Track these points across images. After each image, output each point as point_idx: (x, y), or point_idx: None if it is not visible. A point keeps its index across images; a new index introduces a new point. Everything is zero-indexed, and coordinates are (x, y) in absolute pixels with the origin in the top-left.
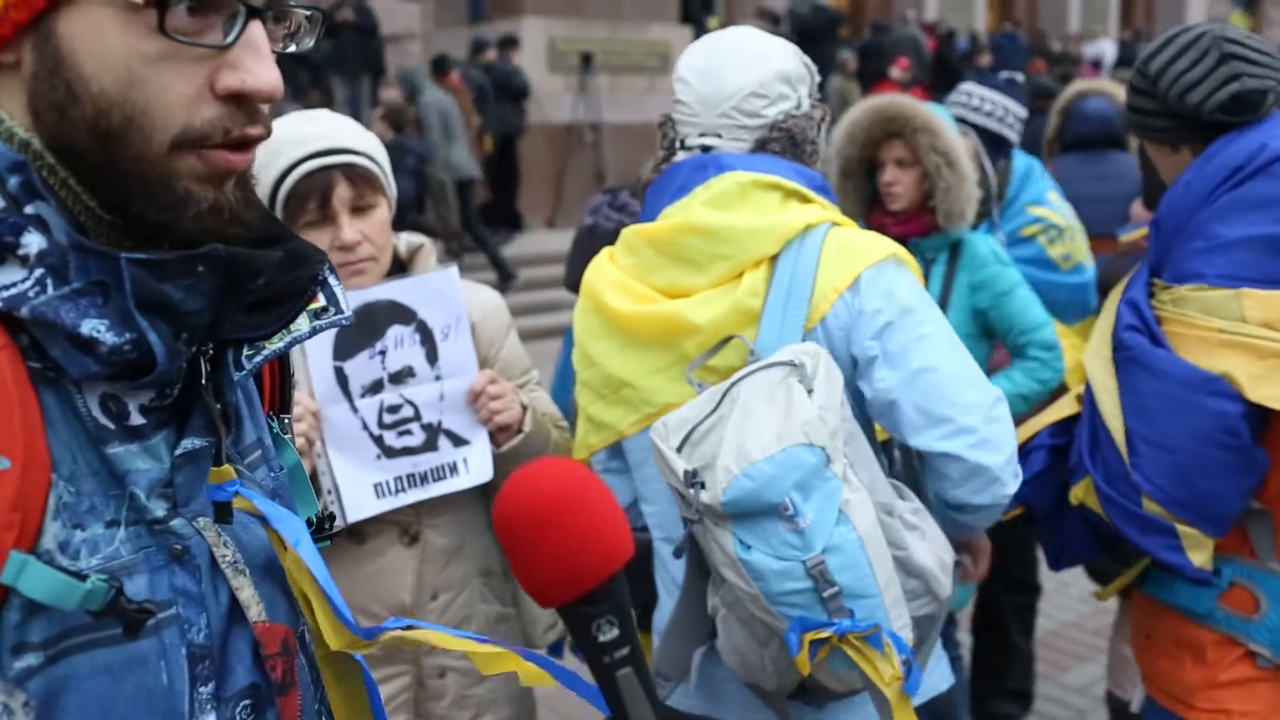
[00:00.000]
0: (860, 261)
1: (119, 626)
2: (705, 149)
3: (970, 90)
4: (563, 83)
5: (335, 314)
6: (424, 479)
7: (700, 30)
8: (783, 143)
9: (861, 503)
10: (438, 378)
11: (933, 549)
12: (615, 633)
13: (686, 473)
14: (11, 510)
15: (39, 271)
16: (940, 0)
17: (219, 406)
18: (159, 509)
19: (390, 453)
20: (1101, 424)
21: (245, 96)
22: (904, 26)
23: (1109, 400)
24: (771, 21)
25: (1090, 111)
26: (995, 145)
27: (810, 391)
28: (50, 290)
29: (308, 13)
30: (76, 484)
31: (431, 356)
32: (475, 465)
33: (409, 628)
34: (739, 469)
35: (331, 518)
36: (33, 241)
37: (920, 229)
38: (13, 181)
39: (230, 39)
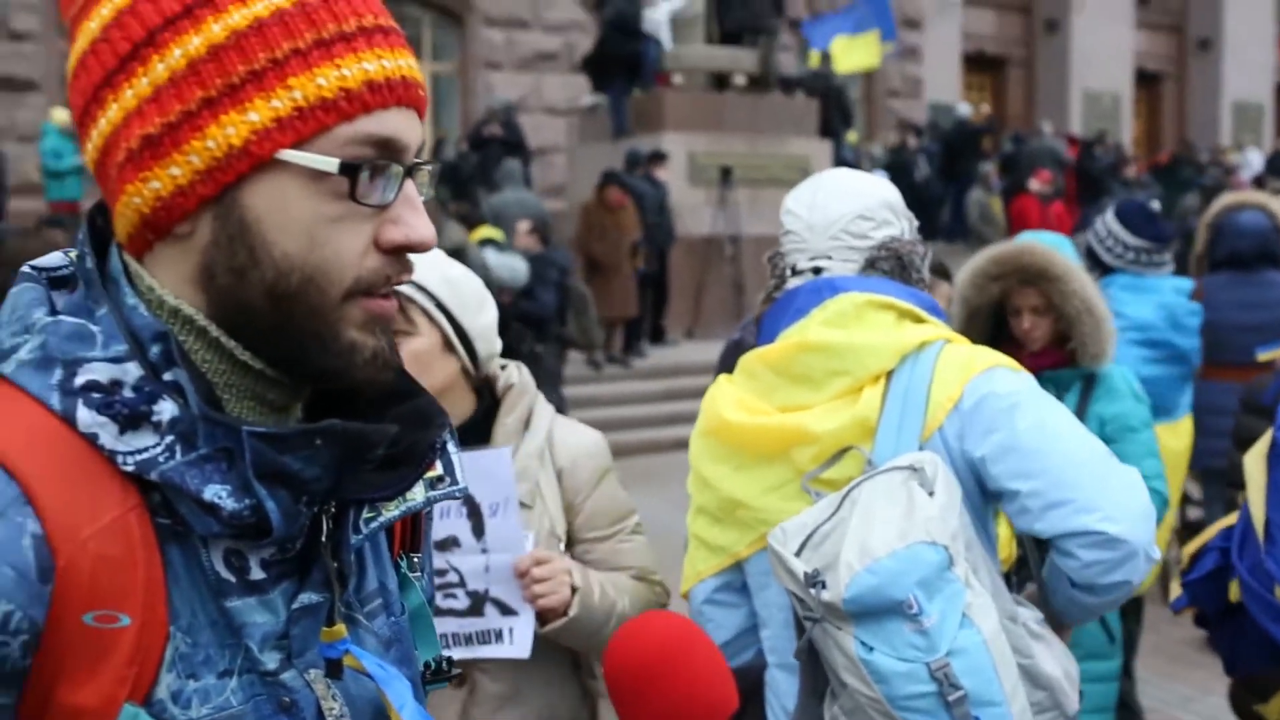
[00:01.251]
0: (969, 371)
1: None
2: (817, 271)
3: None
4: (703, 196)
5: (450, 484)
6: (469, 640)
7: (839, 144)
8: (891, 263)
9: (985, 607)
10: (484, 551)
11: (1059, 660)
12: None
13: (806, 574)
14: (127, 665)
15: (169, 438)
16: (1084, 110)
17: (336, 565)
18: (271, 661)
19: (436, 611)
20: (1249, 518)
21: (408, 248)
22: (1041, 138)
23: (1257, 495)
24: (914, 134)
25: (1245, 226)
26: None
27: (931, 494)
28: (179, 456)
29: (430, 168)
30: (194, 635)
31: (478, 531)
32: (518, 638)
33: None
34: (861, 565)
35: (450, 661)
36: (165, 409)
37: (1053, 362)
38: (154, 350)
39: (392, 197)
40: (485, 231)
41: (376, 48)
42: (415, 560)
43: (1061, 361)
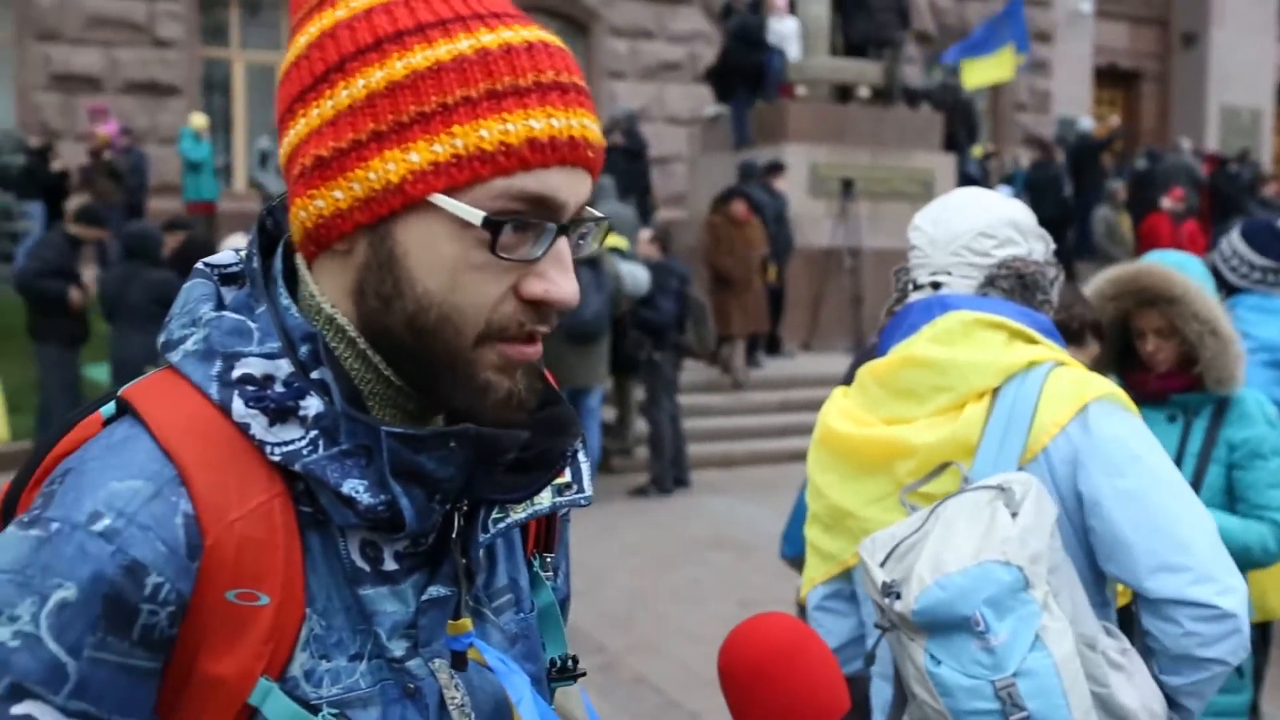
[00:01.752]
0: (1084, 396)
1: None
2: (935, 286)
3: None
4: (823, 208)
5: (576, 492)
6: None
7: (964, 158)
8: (1010, 282)
9: (1060, 631)
10: None
11: (1140, 694)
12: None
13: (885, 583)
14: (264, 642)
15: (314, 432)
16: (1221, 126)
17: (464, 561)
18: (399, 649)
19: None
20: None
21: (547, 304)
22: (1178, 154)
23: None
24: (1040, 149)
25: None
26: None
27: (1015, 515)
28: (321, 450)
29: (598, 220)
30: (328, 618)
31: None
32: None
33: None
34: (932, 579)
35: (575, 660)
36: (312, 405)
37: (1182, 385)
38: (304, 349)
39: (540, 253)
40: (611, 240)
41: (549, 105)
42: (548, 560)
43: (1191, 384)
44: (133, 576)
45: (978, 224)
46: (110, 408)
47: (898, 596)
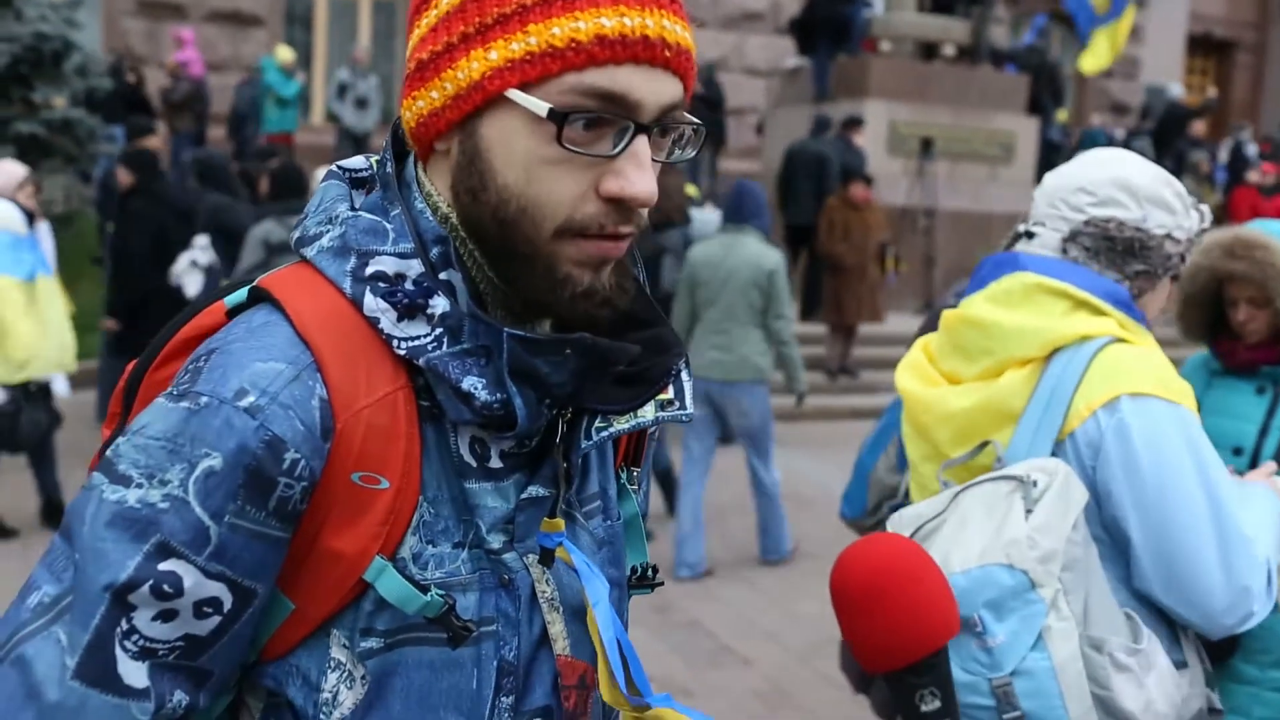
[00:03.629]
0: (1124, 384)
1: (446, 635)
2: (1030, 235)
3: None
4: (900, 166)
5: (679, 409)
6: None
7: (1047, 122)
8: (1095, 241)
9: (1065, 632)
10: None
11: (1146, 695)
12: (937, 704)
13: None
14: (381, 523)
15: (439, 330)
16: None
17: (565, 465)
18: (496, 541)
19: None
20: None
21: (623, 201)
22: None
23: None
24: (1120, 114)
25: None
26: None
27: (1029, 511)
28: (445, 347)
29: (694, 126)
30: (437, 508)
31: None
32: None
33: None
34: None
35: (655, 569)
36: (439, 304)
37: (1272, 356)
38: (435, 251)
39: (617, 150)
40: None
41: (623, 4)
42: (635, 474)
43: None
44: (273, 451)
45: (1082, 179)
46: (236, 297)
47: None
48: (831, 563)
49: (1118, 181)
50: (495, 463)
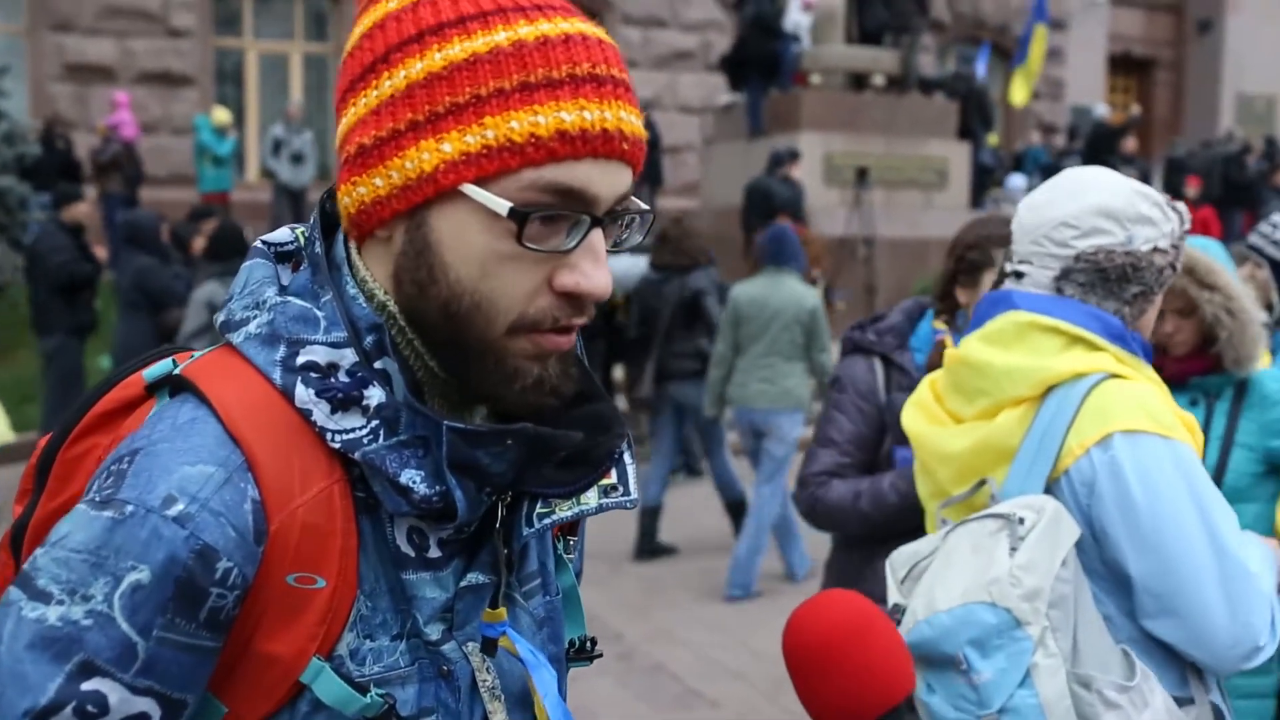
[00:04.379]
0: (1117, 421)
1: None
2: (1018, 275)
3: (1277, 221)
4: (837, 196)
5: (622, 495)
6: None
7: (978, 146)
8: (1088, 275)
9: (1052, 669)
10: None
11: None
12: None
13: (893, 605)
14: (319, 623)
15: (375, 422)
16: (1236, 113)
17: (505, 551)
18: (435, 632)
19: None
20: None
21: (579, 296)
22: (1227, 144)
23: None
24: (1048, 134)
25: None
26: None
27: (1014, 549)
28: (381, 439)
29: (641, 212)
30: (374, 600)
31: None
32: None
33: None
34: (923, 615)
35: (594, 641)
36: (374, 395)
37: (1201, 368)
38: (369, 340)
39: (572, 244)
40: None
41: (582, 98)
42: (572, 542)
43: (1209, 367)
44: (204, 561)
45: (1061, 213)
46: (155, 371)
47: (899, 624)
48: (788, 597)
49: (1097, 209)
50: (434, 552)
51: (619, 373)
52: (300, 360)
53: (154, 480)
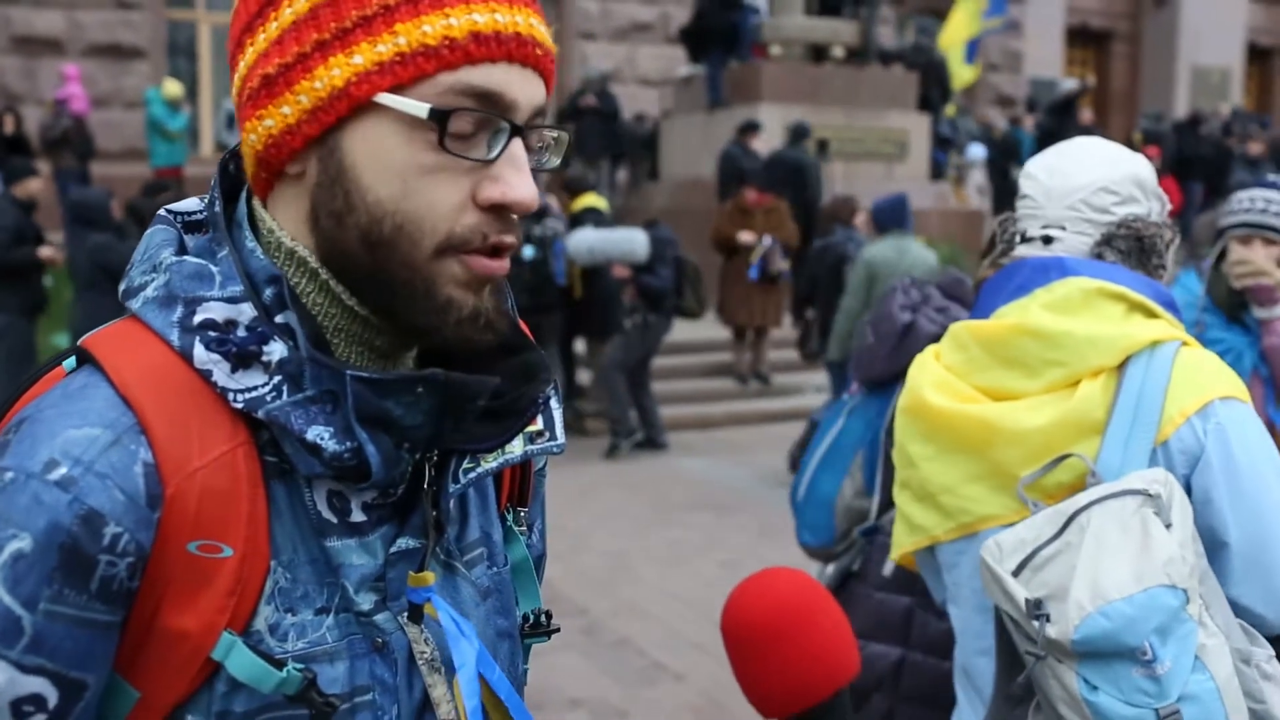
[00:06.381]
0: (1214, 389)
1: (309, 713)
2: (1047, 240)
3: (1256, 196)
4: None
5: (549, 440)
6: None
7: (937, 118)
8: (1129, 243)
9: (1218, 649)
10: None
11: None
12: None
13: (1028, 601)
14: (228, 595)
15: (277, 378)
16: (1192, 86)
17: (435, 513)
18: (366, 602)
19: None
20: None
21: (504, 207)
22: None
23: None
24: (1006, 106)
25: None
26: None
27: (1168, 526)
28: (285, 396)
29: (556, 134)
30: (293, 571)
31: None
32: None
33: None
34: (1093, 606)
35: (549, 615)
36: (275, 350)
37: None
38: (268, 292)
39: (495, 154)
40: (588, 200)
41: (492, 1)
42: (522, 514)
43: None
44: (90, 526)
45: (1099, 177)
46: (72, 361)
47: (1047, 619)
48: (752, 568)
49: (1133, 178)
50: (358, 516)
51: (580, 345)
52: (197, 319)
53: (37, 445)
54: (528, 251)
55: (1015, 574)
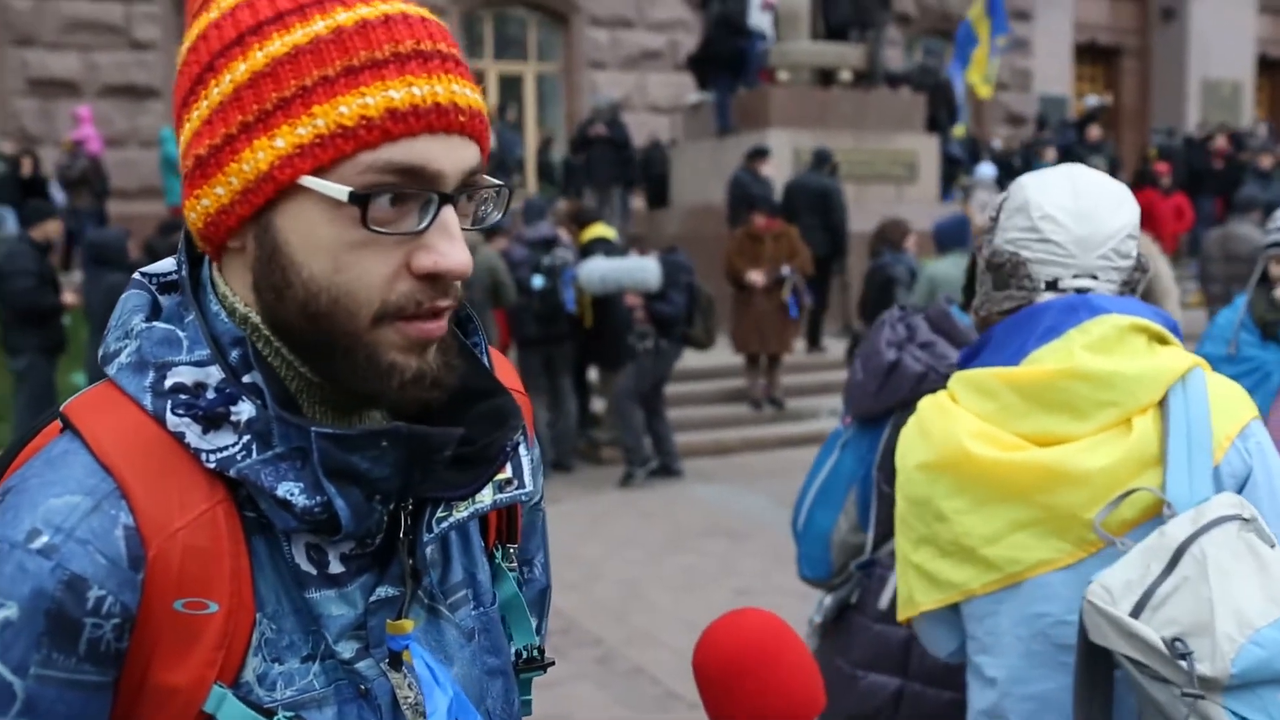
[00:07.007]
0: (1246, 410)
1: None
2: (1079, 290)
3: None
4: None
5: (517, 488)
6: None
7: (945, 139)
8: (1145, 283)
9: None
10: None
11: None
12: None
13: (1166, 641)
14: (216, 649)
15: (247, 437)
16: (1203, 99)
17: (410, 561)
18: (347, 651)
19: None
20: None
21: (437, 276)
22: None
23: None
24: (1016, 125)
25: None
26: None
27: (1273, 545)
28: (255, 454)
29: (494, 188)
30: (278, 622)
31: None
32: None
33: None
34: (1244, 637)
35: (542, 650)
36: (244, 409)
37: None
38: (234, 354)
39: (424, 225)
40: (597, 230)
41: (409, 74)
42: (511, 551)
43: None
44: (73, 591)
45: (1126, 223)
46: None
47: (1189, 656)
48: (764, 598)
49: (1136, 215)
50: (336, 568)
51: (593, 374)
52: (168, 383)
53: (20, 515)
54: (537, 281)
55: (1136, 614)
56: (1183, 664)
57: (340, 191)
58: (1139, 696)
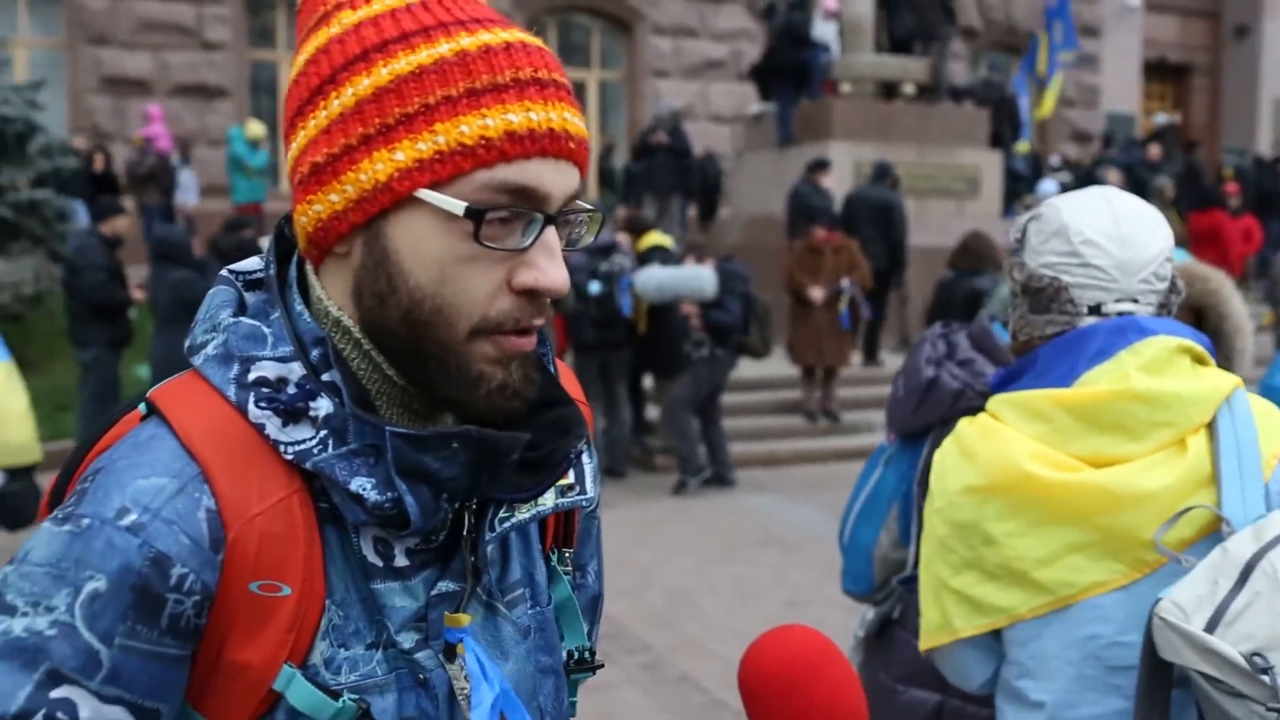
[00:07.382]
0: None
1: None
2: (1120, 314)
3: None
4: None
5: (579, 494)
6: None
7: (1009, 154)
8: (1179, 304)
9: None
10: None
11: None
12: None
13: (1245, 656)
14: (287, 630)
15: (324, 432)
16: (1274, 119)
17: (472, 558)
18: (408, 641)
19: None
20: None
21: (537, 292)
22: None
23: None
24: (1083, 142)
25: None
26: None
27: None
28: (331, 449)
29: (589, 213)
30: (345, 609)
31: None
32: None
33: None
34: None
35: (593, 652)
36: (322, 406)
37: None
38: (315, 353)
39: (528, 243)
40: (654, 238)
41: (527, 100)
42: (567, 555)
43: None
44: (159, 568)
45: (1164, 246)
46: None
47: (1271, 670)
48: (813, 609)
49: (1172, 243)
50: (401, 561)
51: (648, 381)
52: (252, 376)
53: (110, 494)
54: (594, 287)
55: (1211, 630)
56: (1265, 679)
57: (457, 206)
58: (1210, 713)
